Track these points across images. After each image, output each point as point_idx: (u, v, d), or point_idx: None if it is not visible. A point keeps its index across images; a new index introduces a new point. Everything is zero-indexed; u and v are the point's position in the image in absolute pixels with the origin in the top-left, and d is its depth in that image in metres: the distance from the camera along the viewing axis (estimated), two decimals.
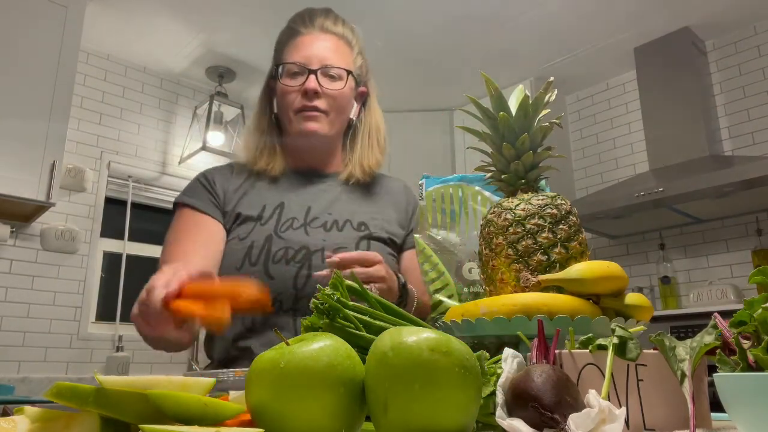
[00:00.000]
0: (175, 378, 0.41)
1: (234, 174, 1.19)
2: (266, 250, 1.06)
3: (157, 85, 3.43)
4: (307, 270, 1.05)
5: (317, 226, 1.11)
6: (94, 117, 3.14)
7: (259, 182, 1.17)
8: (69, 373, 2.79)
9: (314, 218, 1.12)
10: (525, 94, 0.76)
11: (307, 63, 1.13)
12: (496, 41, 3.15)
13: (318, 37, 1.16)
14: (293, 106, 1.13)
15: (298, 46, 1.16)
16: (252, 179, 1.17)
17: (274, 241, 1.07)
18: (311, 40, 1.16)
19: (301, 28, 1.18)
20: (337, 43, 1.18)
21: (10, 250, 2.74)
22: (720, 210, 2.80)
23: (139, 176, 3.26)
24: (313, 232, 1.09)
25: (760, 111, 2.93)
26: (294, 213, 1.12)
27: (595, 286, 0.65)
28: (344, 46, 1.19)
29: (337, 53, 1.16)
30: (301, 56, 1.14)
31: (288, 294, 1.04)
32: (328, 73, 1.14)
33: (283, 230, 1.09)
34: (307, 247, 1.07)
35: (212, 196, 1.14)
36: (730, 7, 2.89)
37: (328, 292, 0.52)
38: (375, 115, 1.25)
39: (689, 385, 0.44)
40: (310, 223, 1.11)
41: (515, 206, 0.72)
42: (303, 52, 1.14)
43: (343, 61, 1.16)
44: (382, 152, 1.24)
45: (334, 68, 1.14)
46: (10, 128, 2.35)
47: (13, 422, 0.38)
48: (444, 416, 0.39)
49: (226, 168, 1.21)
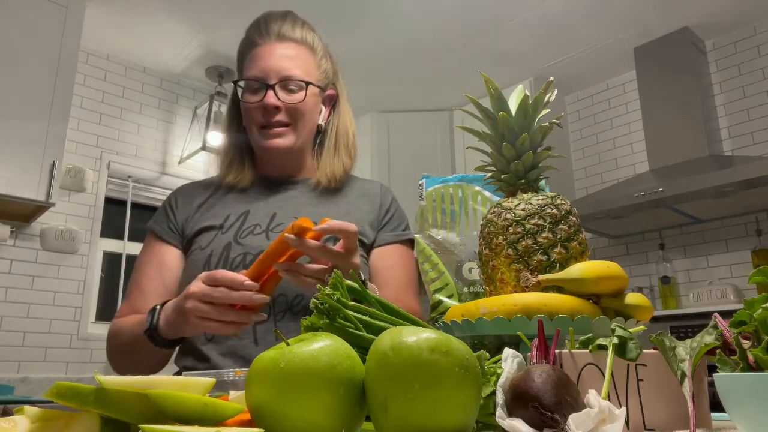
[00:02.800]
0: (175, 378, 0.41)
1: (201, 189, 1.19)
2: (224, 257, 1.05)
3: (157, 85, 3.43)
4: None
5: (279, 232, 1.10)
6: (94, 117, 3.14)
7: (227, 194, 1.16)
8: (69, 373, 2.79)
9: (279, 224, 1.10)
10: (525, 94, 0.76)
11: (265, 77, 1.10)
12: (496, 41, 3.15)
13: (275, 46, 1.12)
14: (256, 122, 1.12)
15: (255, 59, 1.12)
16: (220, 191, 1.17)
17: (232, 248, 1.06)
18: (268, 51, 1.12)
19: (257, 38, 1.14)
20: (297, 49, 1.13)
21: (10, 250, 2.74)
22: (720, 210, 2.80)
23: (139, 176, 3.26)
24: (274, 237, 1.07)
25: (760, 111, 2.93)
26: (258, 219, 1.11)
27: (595, 286, 0.65)
28: (305, 52, 1.15)
29: (296, 61, 1.12)
30: (258, 69, 1.11)
31: None
32: (288, 87, 1.10)
33: (243, 236, 1.08)
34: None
35: (170, 221, 1.14)
36: (730, 7, 2.89)
37: (328, 292, 0.52)
38: (344, 117, 1.22)
39: (689, 385, 0.44)
40: (273, 228, 1.10)
41: (515, 206, 0.72)
42: (260, 65, 1.11)
43: (303, 70, 1.12)
44: (350, 156, 1.21)
45: (292, 80, 1.10)
46: (10, 128, 2.35)
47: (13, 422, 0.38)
48: (444, 416, 0.39)
49: (195, 183, 1.22)
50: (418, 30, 3.05)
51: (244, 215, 1.12)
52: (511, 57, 3.28)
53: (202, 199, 1.17)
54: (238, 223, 1.10)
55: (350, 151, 1.21)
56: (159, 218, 1.16)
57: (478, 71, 0.86)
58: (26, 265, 2.78)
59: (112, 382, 0.38)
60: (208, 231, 1.10)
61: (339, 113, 1.22)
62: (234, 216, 1.12)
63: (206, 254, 1.06)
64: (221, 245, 1.06)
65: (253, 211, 1.12)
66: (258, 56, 1.12)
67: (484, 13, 2.92)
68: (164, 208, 1.18)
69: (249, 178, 1.17)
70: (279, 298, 1.02)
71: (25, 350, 2.70)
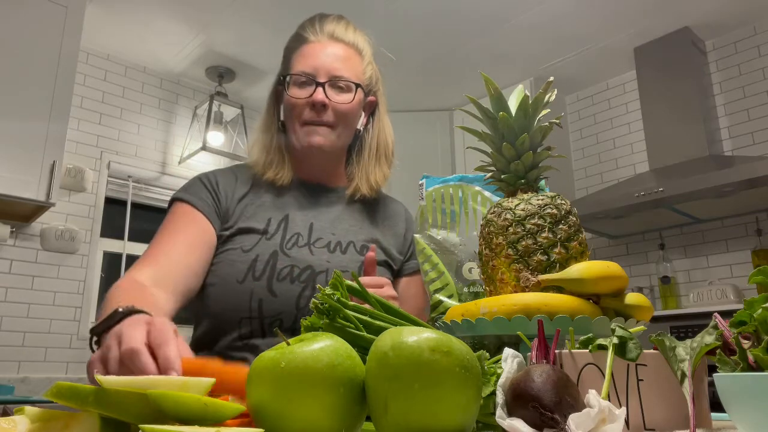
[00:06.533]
0: (175, 378, 0.41)
1: (238, 181, 1.15)
2: (271, 265, 1.03)
3: (157, 85, 3.43)
4: (311, 291, 1.02)
5: (321, 246, 1.08)
6: (94, 117, 3.14)
7: (266, 193, 1.13)
8: (69, 373, 2.79)
9: (318, 238, 1.09)
10: (525, 94, 0.76)
11: (315, 74, 1.09)
12: (496, 41, 3.15)
13: (327, 45, 1.12)
14: (300, 118, 1.10)
15: (306, 55, 1.11)
16: (258, 188, 1.14)
17: (279, 258, 1.04)
18: (320, 49, 1.11)
19: (310, 35, 1.13)
20: (347, 51, 1.13)
21: (10, 250, 2.74)
22: (720, 210, 2.80)
23: (139, 176, 3.26)
24: (317, 251, 1.07)
25: (760, 111, 2.93)
26: (298, 228, 1.09)
27: (595, 286, 0.65)
28: (354, 55, 1.14)
29: (347, 63, 1.12)
30: (309, 66, 1.10)
31: (289, 313, 1.01)
32: (337, 85, 1.10)
33: (289, 247, 1.06)
34: (312, 267, 1.04)
35: (213, 198, 1.09)
36: (730, 7, 2.89)
37: (328, 292, 0.52)
38: (384, 127, 1.21)
39: (689, 385, 0.44)
40: (314, 242, 1.08)
41: (515, 206, 0.72)
42: (311, 62, 1.10)
43: (352, 72, 1.12)
44: (389, 166, 1.20)
45: (342, 80, 1.10)
46: (10, 128, 2.35)
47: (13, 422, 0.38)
48: (444, 416, 0.39)
49: (228, 172, 1.17)
50: (418, 30, 3.05)
51: (284, 221, 1.09)
52: (511, 57, 3.28)
53: (242, 193, 1.12)
54: (281, 230, 1.08)
55: (390, 161, 1.21)
56: (195, 191, 1.09)
57: (478, 71, 0.86)
58: (26, 265, 2.78)
59: (112, 382, 0.38)
60: (249, 233, 1.06)
61: (380, 122, 1.20)
62: (275, 221, 1.09)
63: (251, 258, 1.03)
64: (267, 252, 1.04)
65: (292, 218, 1.10)
66: (309, 53, 1.11)
67: (484, 13, 2.92)
68: (202, 183, 1.11)
69: (288, 176, 1.14)
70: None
71: (25, 350, 2.70)
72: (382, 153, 1.19)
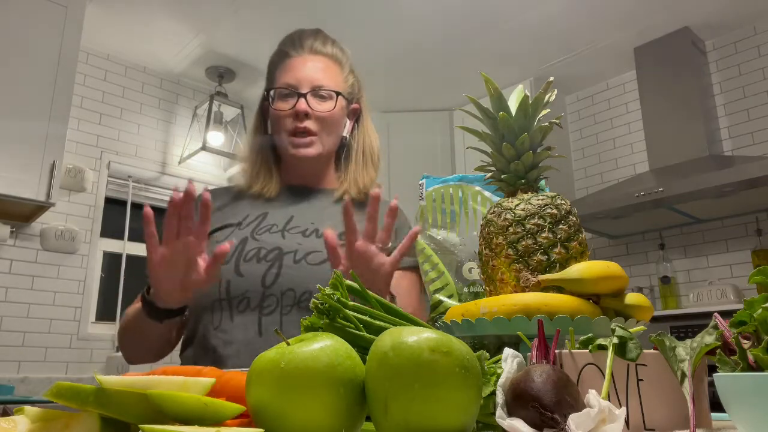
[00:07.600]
0: (175, 378, 0.41)
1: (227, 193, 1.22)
2: (239, 250, 1.08)
3: (157, 85, 3.43)
4: (277, 269, 1.05)
5: (296, 232, 1.12)
6: (94, 117, 3.14)
7: (253, 201, 1.19)
8: (69, 373, 2.79)
9: (295, 226, 1.13)
10: (525, 94, 0.76)
11: (297, 85, 1.16)
12: (496, 41, 3.15)
13: (308, 59, 1.19)
14: (285, 128, 1.16)
15: (288, 69, 1.18)
16: (240, 199, 1.20)
17: (248, 243, 1.09)
18: (301, 62, 1.18)
19: (291, 50, 1.21)
20: (327, 63, 1.20)
21: (10, 250, 2.74)
22: (720, 210, 2.80)
23: (139, 176, 3.26)
24: (289, 236, 1.11)
25: (760, 111, 2.93)
26: (275, 220, 1.14)
27: (595, 286, 0.65)
28: (334, 66, 1.21)
29: (327, 73, 1.19)
30: (291, 78, 1.17)
31: (256, 291, 1.04)
32: (318, 94, 1.16)
33: (260, 233, 1.11)
34: (280, 248, 1.08)
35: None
36: (730, 7, 2.89)
37: (328, 292, 0.52)
38: (369, 132, 1.27)
39: (689, 385, 0.44)
40: (289, 229, 1.12)
41: (515, 206, 0.72)
42: (293, 75, 1.17)
43: (333, 82, 1.19)
44: (376, 170, 1.26)
45: (323, 89, 1.16)
46: (10, 128, 2.35)
47: (13, 422, 0.38)
48: (444, 416, 0.39)
49: (224, 189, 1.25)
50: (418, 30, 3.05)
51: (263, 216, 1.15)
52: (511, 57, 3.28)
53: (223, 203, 1.19)
54: (256, 222, 1.13)
55: (376, 166, 1.26)
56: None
57: (478, 71, 0.86)
58: (26, 265, 2.78)
59: (112, 382, 0.38)
60: (225, 228, 1.13)
61: (364, 128, 1.27)
62: (252, 216, 1.15)
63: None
64: (238, 239, 1.09)
65: (271, 213, 1.16)
66: (291, 67, 1.18)
67: (484, 13, 2.92)
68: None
69: (275, 188, 1.20)
70: (287, 292, 1.04)
71: (25, 350, 2.70)
72: (368, 157, 1.25)
